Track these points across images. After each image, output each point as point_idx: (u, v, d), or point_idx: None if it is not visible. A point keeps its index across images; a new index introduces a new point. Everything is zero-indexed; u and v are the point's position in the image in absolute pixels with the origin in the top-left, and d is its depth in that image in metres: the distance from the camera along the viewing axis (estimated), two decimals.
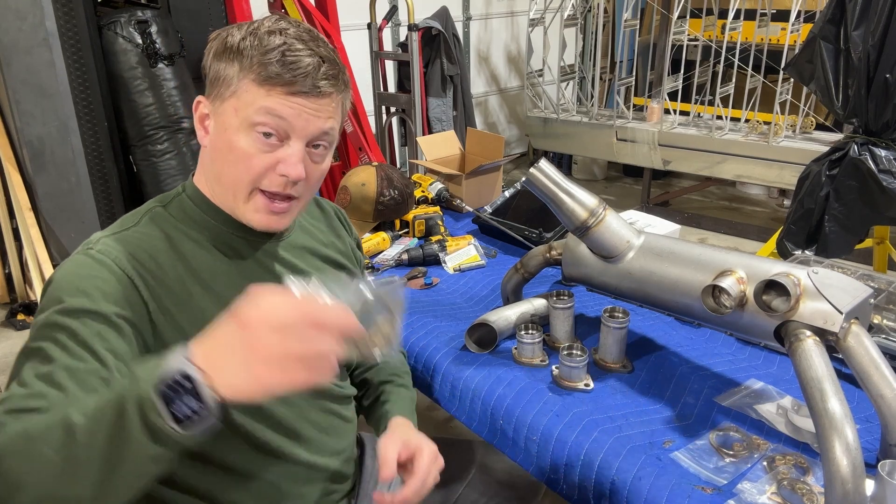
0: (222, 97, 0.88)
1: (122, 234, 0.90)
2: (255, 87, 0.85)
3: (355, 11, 3.74)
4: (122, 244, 0.88)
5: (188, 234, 0.93)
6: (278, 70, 0.84)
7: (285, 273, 1.00)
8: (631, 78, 4.43)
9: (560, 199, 1.17)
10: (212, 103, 0.90)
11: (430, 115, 4.13)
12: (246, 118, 0.86)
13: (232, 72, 0.87)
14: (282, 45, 0.85)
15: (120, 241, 0.88)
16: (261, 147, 0.87)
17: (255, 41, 0.86)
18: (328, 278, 0.70)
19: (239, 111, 0.86)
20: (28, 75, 3.02)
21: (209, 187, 0.95)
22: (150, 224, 0.92)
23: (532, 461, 1.11)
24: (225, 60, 0.87)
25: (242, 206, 0.91)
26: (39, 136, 3.12)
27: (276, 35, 0.86)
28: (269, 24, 0.88)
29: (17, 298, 3.30)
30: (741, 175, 3.95)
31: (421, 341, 1.37)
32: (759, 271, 1.01)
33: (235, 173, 0.88)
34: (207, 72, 0.90)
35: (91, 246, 0.87)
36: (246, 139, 0.87)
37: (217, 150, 0.90)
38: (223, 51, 0.88)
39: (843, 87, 2.16)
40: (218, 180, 0.92)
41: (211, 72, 0.90)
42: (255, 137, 0.86)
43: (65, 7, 3.00)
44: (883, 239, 2.66)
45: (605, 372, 1.25)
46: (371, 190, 1.80)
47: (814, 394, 0.89)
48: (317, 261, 1.07)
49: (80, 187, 3.23)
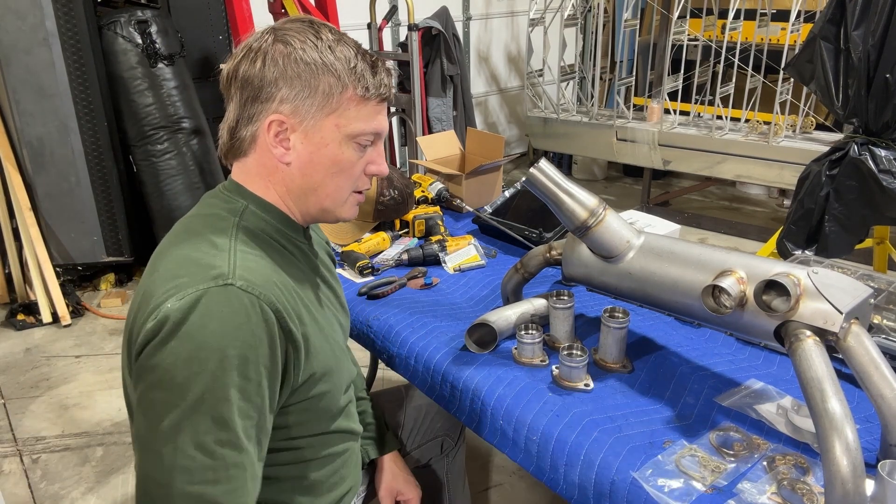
0: (318, 114, 0.90)
1: (245, 259, 0.88)
2: (357, 102, 0.91)
3: (355, 11, 3.74)
4: (255, 274, 0.86)
5: (274, 246, 0.96)
6: (374, 82, 0.92)
7: (323, 264, 1.10)
8: (631, 78, 4.43)
9: (560, 199, 1.17)
10: (300, 121, 0.91)
11: (430, 115, 4.13)
12: (350, 133, 0.92)
13: (326, 89, 0.89)
14: (369, 59, 0.92)
15: (252, 271, 0.86)
16: (359, 155, 0.95)
17: (339, 55, 0.90)
18: None
19: (342, 127, 0.91)
20: (28, 75, 3.02)
21: (287, 199, 0.97)
22: (252, 245, 0.92)
23: (532, 461, 1.11)
24: (310, 77, 0.89)
25: (340, 208, 0.98)
26: (39, 136, 3.12)
27: (348, 47, 0.91)
28: (332, 35, 0.92)
29: (17, 298, 3.30)
30: (741, 175, 3.95)
31: (421, 341, 1.37)
32: (759, 271, 1.01)
33: (339, 182, 0.95)
34: (268, 86, 0.89)
35: (229, 280, 0.83)
36: (349, 151, 0.93)
37: (314, 165, 0.93)
38: (304, 67, 0.88)
39: (843, 87, 2.16)
40: (313, 192, 0.95)
41: (283, 88, 0.89)
42: (356, 147, 0.94)
43: (65, 7, 3.00)
44: (883, 239, 2.66)
45: (605, 372, 1.25)
46: (371, 190, 1.80)
47: (814, 394, 0.89)
48: (321, 249, 1.16)
49: (80, 187, 3.24)
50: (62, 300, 3.16)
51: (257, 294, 0.84)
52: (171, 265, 0.87)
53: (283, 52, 0.89)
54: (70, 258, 3.33)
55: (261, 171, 0.95)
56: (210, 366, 0.79)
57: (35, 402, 2.60)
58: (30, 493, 2.14)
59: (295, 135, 0.91)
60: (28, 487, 2.16)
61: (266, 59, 0.89)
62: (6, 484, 2.17)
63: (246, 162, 0.96)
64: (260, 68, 0.89)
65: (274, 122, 0.90)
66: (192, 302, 0.80)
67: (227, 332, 0.80)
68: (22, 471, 2.24)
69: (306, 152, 0.92)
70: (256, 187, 0.96)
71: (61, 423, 2.48)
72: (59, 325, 3.13)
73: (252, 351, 0.82)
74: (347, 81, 0.90)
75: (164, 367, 0.80)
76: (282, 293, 0.88)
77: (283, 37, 0.90)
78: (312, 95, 0.89)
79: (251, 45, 0.91)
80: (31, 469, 2.24)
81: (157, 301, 0.82)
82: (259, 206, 0.96)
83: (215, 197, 0.98)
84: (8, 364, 2.84)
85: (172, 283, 0.83)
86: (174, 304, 0.80)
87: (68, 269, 3.37)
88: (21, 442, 2.38)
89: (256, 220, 0.95)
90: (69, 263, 3.34)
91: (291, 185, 0.95)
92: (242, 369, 0.81)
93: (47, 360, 2.88)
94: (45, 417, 2.51)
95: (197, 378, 0.79)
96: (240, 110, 0.92)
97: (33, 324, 3.13)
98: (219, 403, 0.80)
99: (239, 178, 0.97)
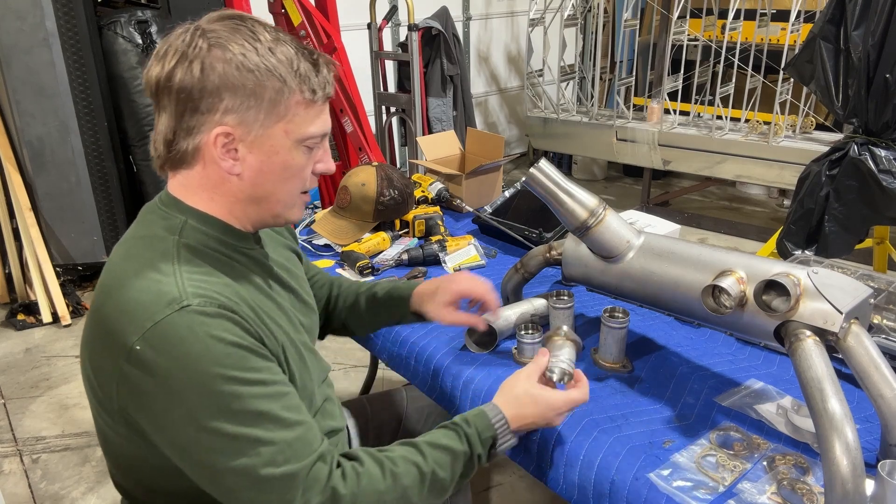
0: (266, 123, 0.86)
1: (196, 279, 0.85)
2: (305, 106, 0.88)
3: (355, 11, 3.74)
4: (207, 290, 0.84)
5: (220, 260, 0.92)
6: (318, 82, 0.88)
7: (278, 268, 1.04)
8: (631, 78, 4.43)
9: (560, 199, 1.17)
10: (247, 131, 0.86)
11: (430, 115, 4.13)
12: (300, 138, 0.89)
13: (272, 96, 0.85)
14: (309, 58, 0.88)
15: (201, 287, 0.84)
16: (308, 156, 0.92)
17: (281, 57, 0.85)
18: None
19: (291, 133, 0.88)
20: (28, 75, 3.02)
21: (235, 208, 0.92)
22: (196, 262, 0.88)
23: (532, 461, 1.11)
24: (255, 85, 0.83)
25: (289, 211, 0.95)
26: (39, 136, 3.12)
27: (287, 46, 0.87)
28: (268, 35, 0.86)
29: (17, 298, 3.30)
30: (741, 175, 3.95)
31: (421, 341, 1.37)
32: (759, 271, 1.01)
33: (290, 187, 0.92)
34: (209, 97, 0.83)
35: (184, 303, 0.81)
36: (299, 156, 0.90)
37: (265, 174, 0.89)
38: (247, 75, 0.83)
39: (843, 87, 2.16)
40: (265, 200, 0.91)
41: (226, 98, 0.83)
42: (305, 150, 0.91)
43: (65, 7, 3.00)
44: (883, 239, 2.66)
45: (605, 372, 1.25)
46: (371, 190, 1.80)
47: (814, 394, 0.89)
48: (281, 249, 1.13)
49: (80, 187, 3.24)
50: (62, 300, 3.16)
51: (217, 306, 0.82)
52: (121, 300, 0.83)
53: (223, 59, 0.82)
54: (70, 258, 3.33)
55: (205, 183, 0.90)
56: (205, 387, 0.79)
57: (35, 401, 2.60)
58: (30, 493, 2.14)
59: (243, 145, 0.86)
60: (28, 487, 2.16)
61: (204, 66, 0.82)
62: (6, 484, 2.17)
63: (188, 174, 0.90)
64: (199, 77, 0.82)
65: (220, 135, 0.85)
66: (158, 336, 0.79)
67: (202, 354, 0.79)
68: (22, 471, 2.24)
69: (257, 162, 0.88)
70: (197, 199, 0.91)
71: (61, 422, 2.48)
72: (60, 325, 3.13)
73: (233, 359, 0.81)
74: (293, 85, 0.86)
75: (162, 411, 0.81)
76: (239, 303, 0.86)
77: (217, 40, 0.83)
78: (258, 104, 0.84)
79: (183, 50, 0.83)
80: (31, 469, 2.25)
81: (121, 340, 0.81)
82: (198, 220, 0.91)
83: (153, 213, 0.93)
84: (8, 364, 2.84)
85: (129, 317, 0.81)
86: (142, 346, 0.79)
87: (68, 269, 3.37)
88: (21, 442, 2.38)
89: (197, 234, 0.90)
90: (69, 263, 3.34)
91: (241, 195, 0.90)
92: (235, 380, 0.81)
93: (47, 359, 2.88)
94: (45, 417, 2.51)
95: (201, 399, 0.80)
96: (176, 121, 0.86)
97: (33, 324, 3.13)
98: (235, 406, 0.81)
99: (177, 190, 0.92)
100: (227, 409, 0.80)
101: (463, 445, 0.96)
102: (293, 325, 1.00)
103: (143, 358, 0.79)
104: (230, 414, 0.80)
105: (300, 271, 1.15)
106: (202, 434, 0.80)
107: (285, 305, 1.01)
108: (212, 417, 0.79)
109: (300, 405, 0.89)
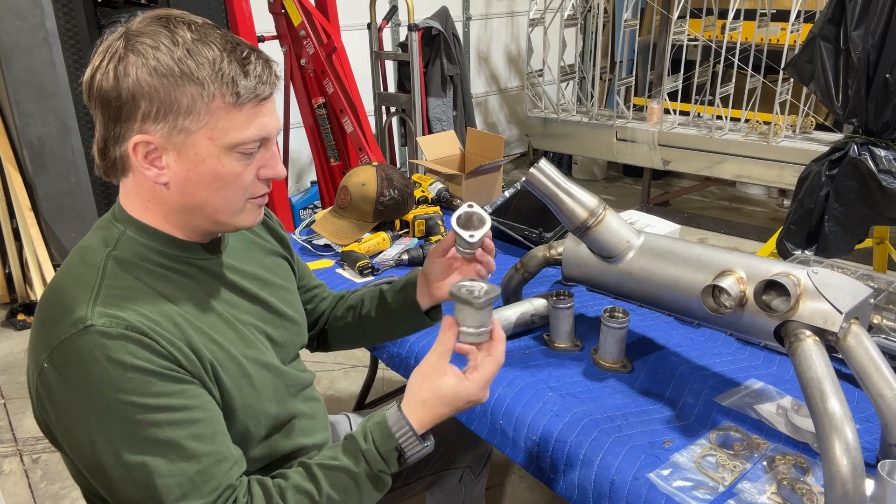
0: (187, 130, 0.80)
1: (113, 296, 0.81)
2: (228, 110, 0.80)
3: (355, 11, 3.74)
4: (119, 308, 0.80)
5: (156, 273, 0.87)
6: (247, 85, 0.81)
7: (243, 279, 0.98)
8: (631, 78, 4.43)
9: (560, 199, 1.17)
10: (167, 139, 0.81)
11: (430, 115, 4.13)
12: (228, 144, 0.82)
13: (190, 100, 0.79)
14: (238, 57, 0.81)
15: (114, 305, 0.80)
16: (245, 162, 0.84)
17: (201, 59, 0.79)
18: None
19: (217, 140, 0.81)
20: (28, 75, 3.02)
21: (171, 218, 0.88)
22: (122, 277, 0.84)
23: (532, 461, 1.11)
24: (170, 90, 0.78)
25: (236, 218, 0.88)
26: (39, 136, 3.12)
27: (211, 46, 0.80)
28: (190, 34, 0.80)
29: (18, 298, 3.30)
30: (741, 175, 3.95)
31: (421, 341, 1.37)
32: (759, 271, 1.02)
33: (226, 196, 0.85)
34: (126, 104, 0.79)
35: (89, 322, 0.77)
36: (231, 163, 0.83)
37: (193, 183, 0.83)
38: (159, 80, 0.78)
39: (843, 87, 2.16)
40: (198, 209, 0.86)
41: (142, 105, 0.79)
42: (239, 157, 0.83)
43: (65, 7, 3.00)
44: (883, 239, 2.66)
45: (604, 372, 1.25)
46: (371, 190, 1.80)
47: (814, 394, 0.89)
48: (262, 256, 1.06)
49: (80, 187, 3.24)
50: None
51: (123, 327, 0.78)
52: (43, 314, 0.83)
53: (136, 64, 0.78)
54: None
55: (139, 191, 0.86)
56: (104, 413, 0.77)
57: None
58: (30, 493, 2.14)
59: (167, 154, 0.81)
60: (28, 487, 2.16)
61: (119, 72, 0.78)
62: (6, 484, 2.17)
63: (126, 183, 0.87)
64: (114, 84, 0.78)
65: (140, 144, 0.80)
66: (62, 356, 0.78)
67: (101, 378, 0.76)
68: (22, 471, 2.24)
69: (182, 171, 0.82)
70: (135, 209, 0.87)
71: None
72: None
73: (134, 384, 0.77)
74: (213, 90, 0.79)
75: (66, 430, 0.80)
76: (157, 321, 0.82)
77: (134, 44, 0.79)
78: (175, 111, 0.79)
79: (103, 55, 0.80)
80: (31, 469, 2.25)
81: (35, 356, 0.81)
82: (137, 231, 0.87)
83: (102, 221, 0.91)
84: (8, 364, 2.84)
85: (44, 332, 0.80)
86: (48, 364, 0.78)
87: None
88: (21, 442, 2.38)
89: (133, 246, 0.86)
90: None
91: (173, 204, 0.85)
92: (135, 405, 0.77)
93: None
94: None
95: (101, 424, 0.77)
96: (105, 129, 0.82)
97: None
98: (134, 433, 0.77)
99: (122, 198, 0.89)
100: (126, 435, 0.77)
101: (359, 466, 0.87)
102: (243, 341, 0.93)
103: (48, 378, 0.79)
104: (129, 441, 0.77)
105: (285, 280, 1.08)
106: (100, 459, 0.77)
107: (240, 318, 0.94)
108: (110, 443, 0.77)
109: (215, 433, 0.83)
